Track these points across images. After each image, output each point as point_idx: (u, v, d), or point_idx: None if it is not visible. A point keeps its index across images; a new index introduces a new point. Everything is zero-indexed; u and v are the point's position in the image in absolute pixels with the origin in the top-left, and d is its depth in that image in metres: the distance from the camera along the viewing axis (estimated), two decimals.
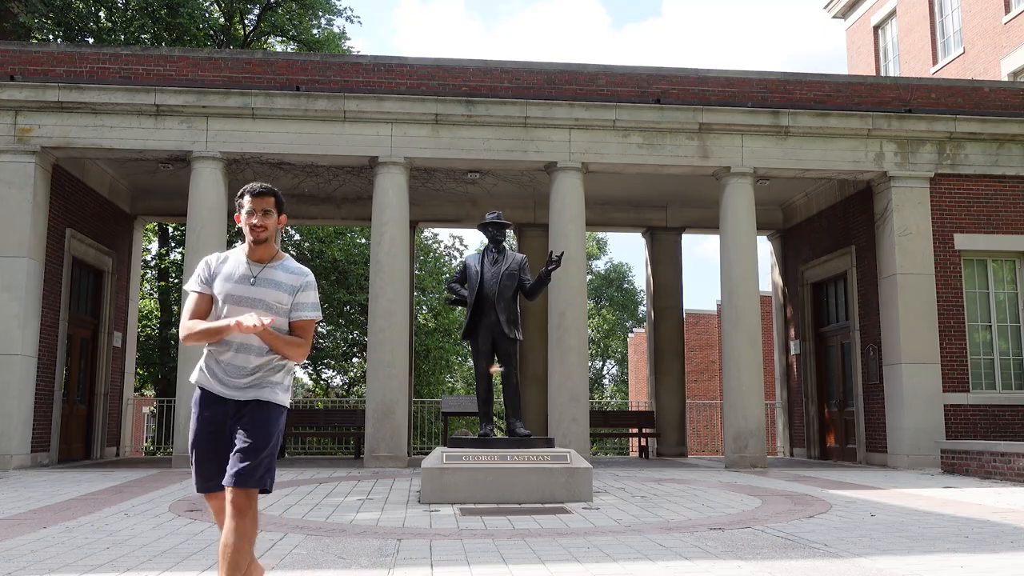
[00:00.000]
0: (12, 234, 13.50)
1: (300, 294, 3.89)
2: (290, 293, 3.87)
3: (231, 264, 3.92)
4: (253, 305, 3.81)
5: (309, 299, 3.91)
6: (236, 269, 3.89)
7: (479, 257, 9.98)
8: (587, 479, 9.08)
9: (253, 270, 3.87)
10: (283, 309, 3.85)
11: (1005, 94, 15.64)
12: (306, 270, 3.97)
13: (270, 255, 3.93)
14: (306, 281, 3.92)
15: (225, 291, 3.84)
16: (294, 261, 4.01)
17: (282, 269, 3.91)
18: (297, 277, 3.91)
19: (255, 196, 3.90)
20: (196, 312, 3.86)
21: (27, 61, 14.06)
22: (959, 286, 14.96)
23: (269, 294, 3.84)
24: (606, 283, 50.32)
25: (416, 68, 14.71)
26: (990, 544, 6.16)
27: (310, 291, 3.91)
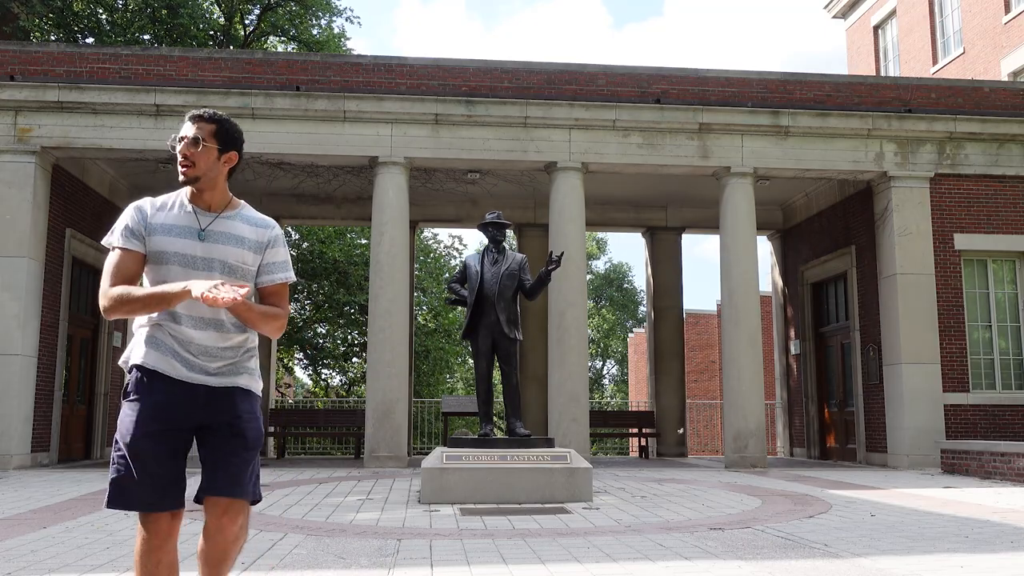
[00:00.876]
0: (12, 234, 13.50)
1: (269, 251, 3.12)
2: (255, 251, 3.09)
3: (172, 212, 3.05)
4: (210, 268, 3.00)
5: (280, 256, 3.15)
6: (180, 219, 3.03)
7: (479, 257, 9.99)
8: (587, 479, 9.08)
9: (201, 220, 3.04)
10: (248, 272, 3.07)
11: (1005, 94, 15.64)
12: (271, 220, 3.19)
13: (222, 202, 3.10)
14: (274, 235, 3.15)
15: (166, 248, 2.99)
16: (254, 210, 3.21)
17: (241, 220, 3.11)
18: (262, 231, 3.12)
19: (189, 119, 3.09)
20: (122, 275, 2.95)
21: (27, 61, 14.06)
22: (959, 286, 14.96)
23: (228, 252, 3.04)
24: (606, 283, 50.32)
25: (416, 68, 14.71)
26: (990, 544, 6.16)
27: (280, 247, 3.16)
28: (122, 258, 2.97)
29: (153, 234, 3.00)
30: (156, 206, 3.06)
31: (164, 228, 3.01)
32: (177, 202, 3.09)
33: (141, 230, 3.01)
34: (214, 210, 3.08)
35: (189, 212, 3.05)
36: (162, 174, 15.90)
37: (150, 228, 3.01)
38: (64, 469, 13.47)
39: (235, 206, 3.15)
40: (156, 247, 3.00)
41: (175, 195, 3.12)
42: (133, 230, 3.00)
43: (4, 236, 13.49)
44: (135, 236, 3.00)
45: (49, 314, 14.40)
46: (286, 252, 3.17)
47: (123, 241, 2.99)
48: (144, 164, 15.49)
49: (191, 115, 3.08)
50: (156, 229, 3.01)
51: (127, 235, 3.00)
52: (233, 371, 3.08)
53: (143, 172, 16.25)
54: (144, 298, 2.87)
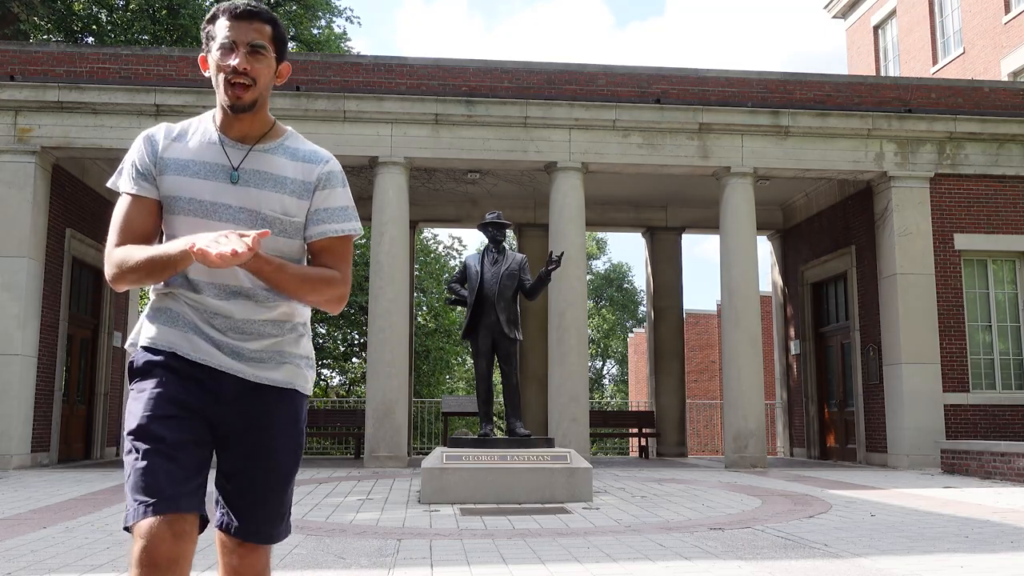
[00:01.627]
0: (12, 234, 13.50)
1: (319, 194, 2.31)
2: (300, 195, 2.29)
3: (192, 144, 2.29)
4: (236, 220, 2.24)
5: (335, 200, 2.33)
6: (202, 153, 2.27)
7: (479, 257, 9.99)
8: (587, 479, 9.08)
9: (232, 155, 2.27)
10: (291, 225, 2.29)
11: (1005, 94, 15.64)
12: (324, 152, 2.38)
13: (262, 129, 2.32)
14: (326, 171, 2.33)
15: (179, 193, 2.24)
16: (303, 139, 2.42)
17: (284, 153, 2.32)
18: (310, 166, 2.32)
19: (236, 18, 2.27)
20: (131, 230, 2.24)
21: (27, 61, 14.06)
22: (959, 286, 14.96)
23: (264, 199, 2.26)
24: (606, 283, 50.31)
25: (416, 68, 14.71)
26: (990, 544, 6.16)
27: (335, 187, 2.33)
28: (130, 208, 2.25)
29: (165, 172, 2.25)
30: (172, 134, 2.30)
31: (179, 165, 2.25)
32: (200, 130, 2.31)
33: (151, 168, 2.26)
34: (249, 140, 2.29)
35: (215, 144, 2.27)
36: None
37: (161, 164, 2.26)
38: (64, 469, 13.47)
39: (278, 134, 2.34)
40: (168, 191, 2.24)
41: (197, 121, 2.35)
42: (141, 169, 2.26)
43: (4, 236, 13.49)
44: (144, 177, 2.26)
45: (49, 314, 14.40)
46: (345, 195, 2.35)
47: (130, 184, 2.26)
48: None
49: (239, 10, 2.26)
50: (169, 166, 2.26)
51: (135, 176, 2.26)
52: (276, 358, 2.30)
53: None
54: (143, 263, 2.12)
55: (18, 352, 13.29)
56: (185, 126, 2.33)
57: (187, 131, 2.31)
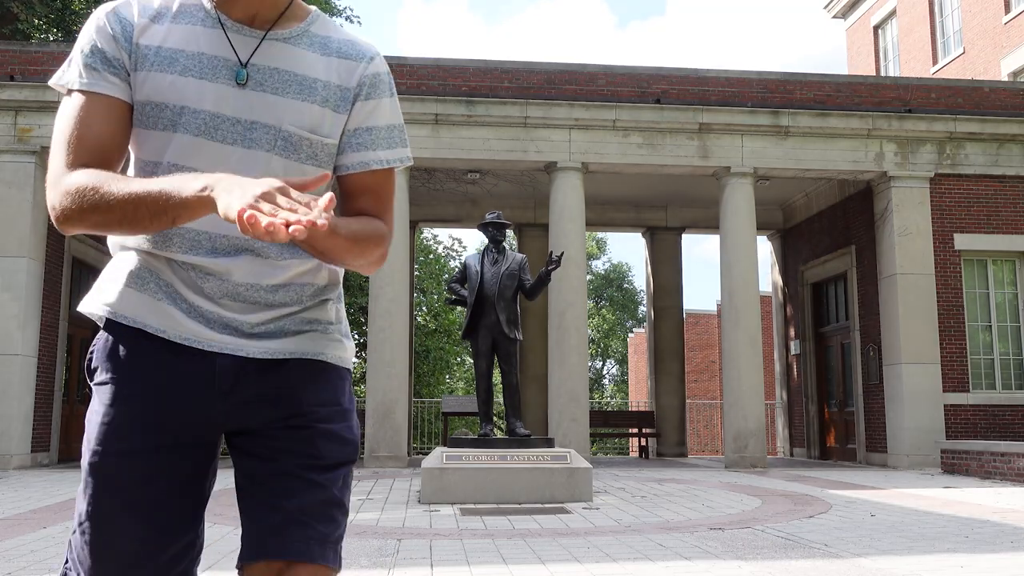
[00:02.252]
0: (12, 234, 13.51)
1: (363, 105, 1.62)
2: (337, 106, 1.60)
3: (180, 28, 1.56)
4: (245, 140, 1.54)
5: (383, 116, 1.64)
6: (193, 40, 1.55)
7: (479, 257, 9.99)
8: (587, 479, 9.08)
9: (238, 45, 1.56)
10: (324, 147, 1.59)
11: (1005, 94, 15.64)
12: (366, 45, 1.66)
13: (277, 5, 1.59)
14: (375, 73, 1.63)
15: (167, 99, 1.52)
16: (334, 24, 1.68)
17: (311, 43, 1.61)
18: (350, 64, 1.62)
19: None
20: (88, 145, 1.50)
21: (27, 61, 14.07)
22: (959, 286, 14.96)
23: (285, 110, 1.56)
24: (606, 283, 50.32)
25: (416, 68, 14.71)
26: (990, 544, 6.16)
27: (383, 96, 1.64)
28: (87, 111, 1.49)
29: (142, 66, 1.51)
30: (149, 11, 1.55)
31: (163, 58, 1.52)
32: (187, 5, 1.57)
33: (121, 54, 1.51)
34: (260, 23, 1.57)
35: (212, 27, 1.55)
36: None
37: (137, 55, 1.52)
38: (64, 469, 13.47)
39: (300, 15, 1.61)
40: (147, 95, 1.51)
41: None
42: (106, 54, 1.51)
43: (4, 236, 13.50)
44: (111, 66, 1.51)
45: (49, 314, 14.40)
46: (394, 108, 1.65)
47: (89, 77, 1.50)
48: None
49: None
50: (147, 58, 1.52)
51: (96, 65, 1.50)
52: (294, 327, 1.59)
53: None
54: (126, 200, 1.38)
55: (18, 352, 13.29)
56: (163, 2, 1.56)
57: (169, 6, 1.55)
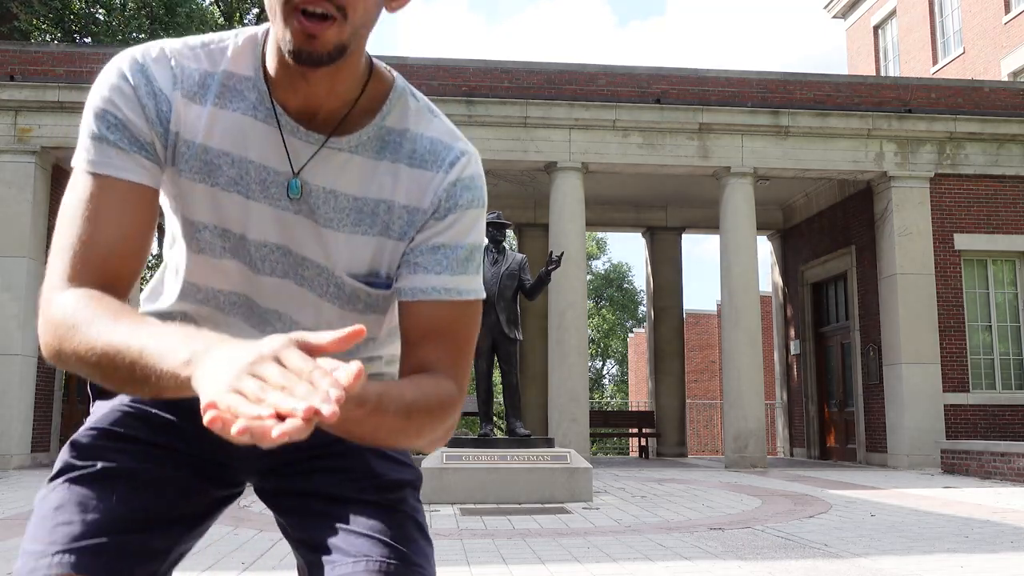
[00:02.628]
0: (12, 234, 13.52)
1: (435, 222, 1.24)
2: (403, 235, 1.25)
3: (229, 115, 1.19)
4: (296, 276, 1.25)
5: (458, 233, 1.24)
6: (244, 139, 1.19)
7: None
8: (587, 479, 9.08)
9: (296, 153, 1.19)
10: (384, 298, 1.29)
11: (1005, 94, 15.65)
12: (459, 142, 1.26)
13: (348, 94, 1.18)
14: (454, 180, 1.24)
15: (200, 213, 1.21)
16: (429, 109, 1.27)
17: (390, 150, 1.23)
18: (426, 173, 1.23)
19: None
20: (96, 247, 1.12)
21: (27, 61, 14.07)
22: (959, 286, 14.97)
23: (338, 247, 1.24)
24: (606, 283, 50.33)
25: (416, 68, 14.71)
26: (990, 544, 6.16)
27: (464, 204, 1.24)
28: (98, 201, 1.14)
29: (179, 164, 1.20)
30: (188, 81, 1.18)
31: (208, 162, 1.19)
32: (238, 83, 1.20)
33: (152, 137, 1.17)
34: (322, 122, 1.19)
35: (266, 120, 1.19)
36: None
37: (176, 148, 1.19)
38: None
39: (375, 102, 1.22)
40: (180, 203, 1.23)
41: (227, 54, 1.21)
42: (132, 130, 1.16)
43: (4, 236, 13.51)
44: (136, 144, 1.16)
45: None
46: (475, 222, 1.27)
47: (101, 155, 1.16)
48: None
49: None
50: (189, 158, 1.19)
51: (114, 139, 1.15)
52: None
53: None
54: (102, 356, 1.02)
55: (18, 352, 13.30)
56: (205, 67, 1.19)
57: (213, 74, 1.18)
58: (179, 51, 1.20)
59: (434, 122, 1.27)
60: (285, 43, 1.09)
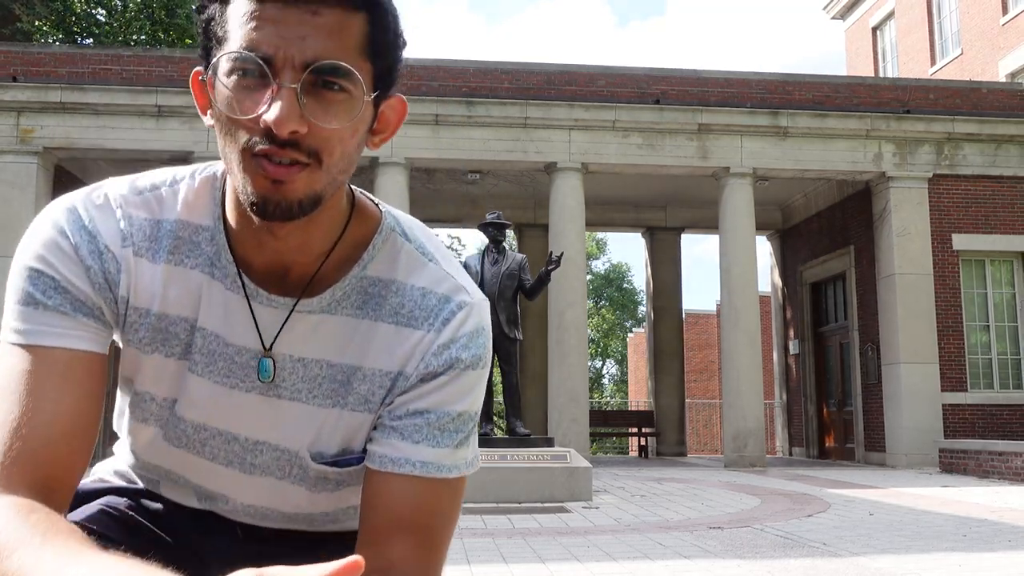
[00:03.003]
0: (14, 234, 13.51)
1: (418, 387, 1.02)
2: (393, 392, 1.04)
3: (184, 274, 1.01)
4: (251, 468, 1.09)
5: (444, 397, 1.02)
6: (204, 306, 1.02)
7: (479, 257, 10.03)
8: (587, 478, 9.12)
9: (263, 317, 1.02)
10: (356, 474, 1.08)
11: (1003, 95, 15.69)
12: (448, 292, 1.04)
13: (321, 246, 1.01)
14: (444, 343, 1.02)
15: (161, 390, 1.05)
16: (428, 260, 1.06)
17: (363, 303, 1.03)
18: (412, 332, 1.03)
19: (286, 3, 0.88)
20: (31, 438, 0.91)
21: (29, 62, 14.11)
22: (957, 286, 15.01)
23: (315, 427, 1.06)
24: (605, 283, 50.34)
25: (416, 68, 14.74)
26: (988, 543, 6.20)
27: (455, 365, 1.02)
28: (34, 379, 0.93)
29: (129, 333, 1.04)
30: (139, 225, 1.01)
31: (163, 330, 1.04)
32: (192, 236, 1.02)
33: (98, 301, 0.99)
34: (293, 283, 1.02)
35: (230, 286, 1.02)
36: None
37: (127, 315, 1.03)
38: None
39: (356, 249, 1.04)
40: (131, 374, 1.08)
41: (181, 200, 1.03)
42: (73, 293, 0.97)
43: (6, 237, 13.54)
44: (80, 307, 0.97)
45: None
46: (466, 386, 1.03)
47: (35, 323, 0.95)
48: (146, 165, 15.53)
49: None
50: (140, 327, 1.04)
51: (53, 303, 0.95)
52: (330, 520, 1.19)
53: None
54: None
55: None
56: (156, 215, 1.02)
57: (164, 227, 1.02)
58: (126, 198, 1.01)
59: (427, 268, 1.05)
60: (246, 195, 0.91)
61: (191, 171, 1.05)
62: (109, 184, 1.03)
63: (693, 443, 25.64)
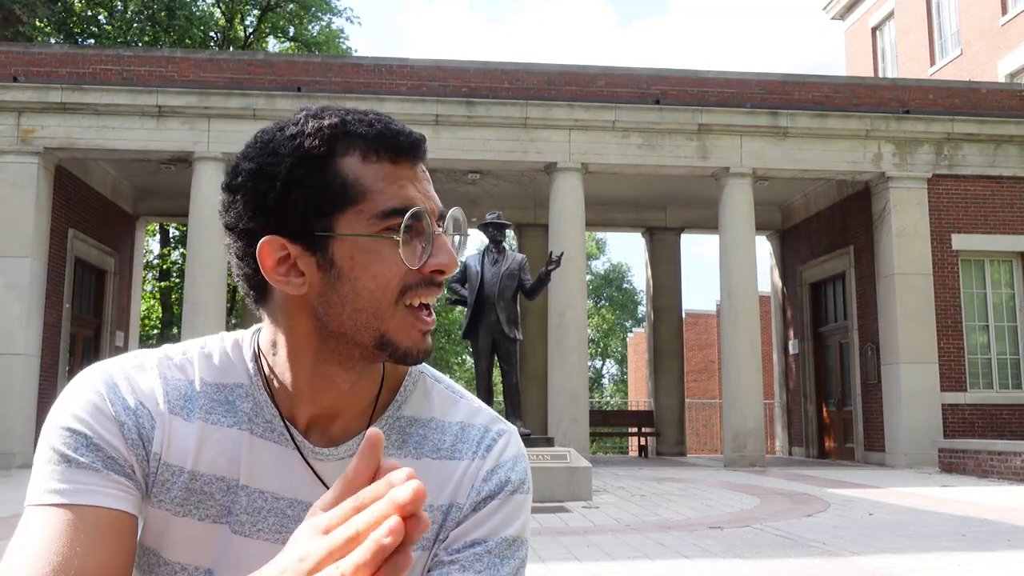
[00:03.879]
0: (15, 234, 13.57)
1: (470, 520, 1.00)
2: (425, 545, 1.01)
3: (224, 434, 1.00)
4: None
5: (492, 525, 1.00)
6: (251, 461, 0.99)
7: (479, 257, 10.05)
8: (587, 478, 9.14)
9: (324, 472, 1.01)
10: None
11: (1002, 95, 15.71)
12: (499, 424, 1.07)
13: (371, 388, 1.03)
14: (488, 471, 1.03)
15: (205, 559, 0.99)
16: (460, 397, 1.10)
17: (402, 442, 1.04)
18: (452, 464, 1.04)
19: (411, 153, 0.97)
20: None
21: (30, 63, 14.12)
22: (956, 286, 15.03)
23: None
24: (605, 283, 50.35)
25: (417, 69, 14.77)
26: (987, 542, 6.22)
27: (501, 490, 1.02)
28: (68, 538, 0.88)
29: (160, 495, 0.98)
30: (175, 393, 1.01)
31: (202, 492, 0.99)
32: (234, 397, 1.02)
33: (130, 459, 0.95)
34: (342, 428, 1.03)
35: (271, 438, 1.01)
36: (164, 175, 15.94)
37: (159, 475, 0.98)
38: None
39: (390, 393, 1.06)
40: (159, 543, 1.00)
41: (209, 365, 1.04)
42: (107, 451, 0.94)
43: (7, 236, 13.57)
44: (114, 466, 0.94)
45: (52, 314, 14.46)
46: (518, 515, 1.02)
47: (72, 482, 0.91)
48: (146, 165, 15.55)
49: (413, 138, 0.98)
50: (173, 488, 0.98)
51: (88, 461, 0.92)
52: None
53: (145, 173, 16.31)
54: None
55: (21, 352, 13.35)
56: (190, 376, 1.03)
57: (198, 387, 1.02)
58: (161, 361, 1.02)
59: (460, 403, 1.09)
60: (398, 344, 0.95)
61: (218, 337, 1.07)
62: (142, 352, 1.04)
63: (693, 443, 25.66)
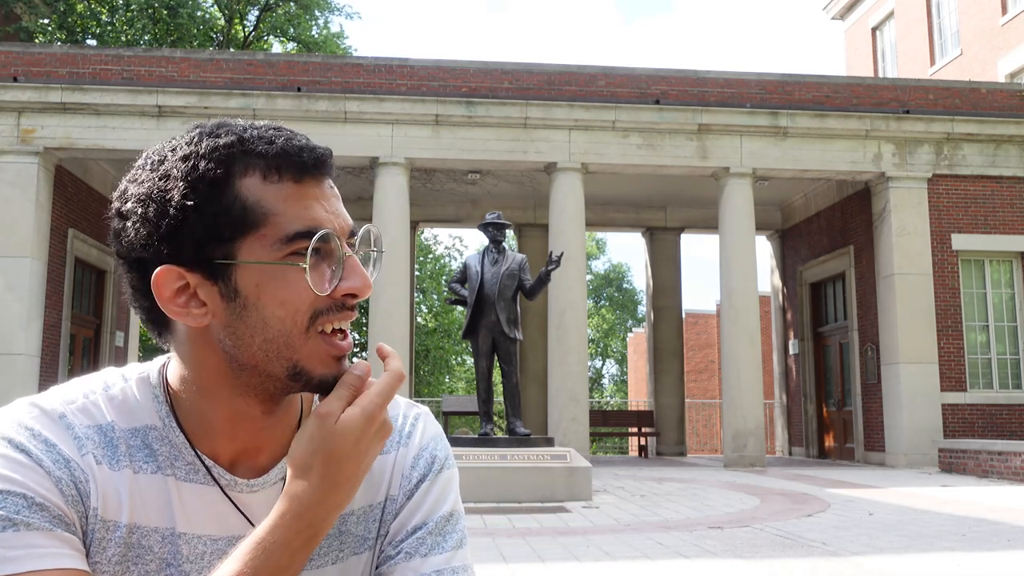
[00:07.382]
0: (15, 234, 13.57)
1: (411, 502, 1.05)
2: (359, 548, 1.04)
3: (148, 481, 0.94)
4: None
5: (429, 506, 1.06)
6: (180, 506, 0.95)
7: (479, 257, 10.05)
8: (587, 478, 9.14)
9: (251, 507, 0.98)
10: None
11: (1002, 95, 15.70)
12: (412, 409, 1.10)
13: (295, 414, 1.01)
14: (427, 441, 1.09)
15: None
16: None
17: None
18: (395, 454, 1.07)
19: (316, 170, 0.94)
20: None
21: (30, 62, 14.12)
22: (956, 286, 15.03)
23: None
24: (605, 283, 50.35)
25: (417, 69, 14.77)
26: (987, 543, 6.22)
27: (441, 474, 1.08)
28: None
29: (103, 544, 0.92)
30: (92, 442, 0.93)
31: (137, 544, 0.94)
32: (150, 439, 0.96)
33: (71, 514, 0.88)
34: (269, 457, 1.00)
35: (195, 479, 0.97)
36: None
37: (99, 517, 0.91)
38: None
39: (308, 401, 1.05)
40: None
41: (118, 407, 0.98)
42: (52, 508, 0.87)
43: (7, 236, 13.56)
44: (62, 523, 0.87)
45: (52, 314, 14.46)
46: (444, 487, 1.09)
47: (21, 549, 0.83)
48: None
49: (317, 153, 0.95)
50: (118, 530, 0.92)
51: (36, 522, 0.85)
52: None
53: None
54: None
55: (21, 352, 13.35)
56: (99, 422, 0.96)
57: (112, 432, 0.96)
58: (63, 406, 0.94)
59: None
60: (312, 373, 0.91)
61: (120, 374, 1.01)
62: (34, 399, 0.94)
63: (693, 443, 25.66)
